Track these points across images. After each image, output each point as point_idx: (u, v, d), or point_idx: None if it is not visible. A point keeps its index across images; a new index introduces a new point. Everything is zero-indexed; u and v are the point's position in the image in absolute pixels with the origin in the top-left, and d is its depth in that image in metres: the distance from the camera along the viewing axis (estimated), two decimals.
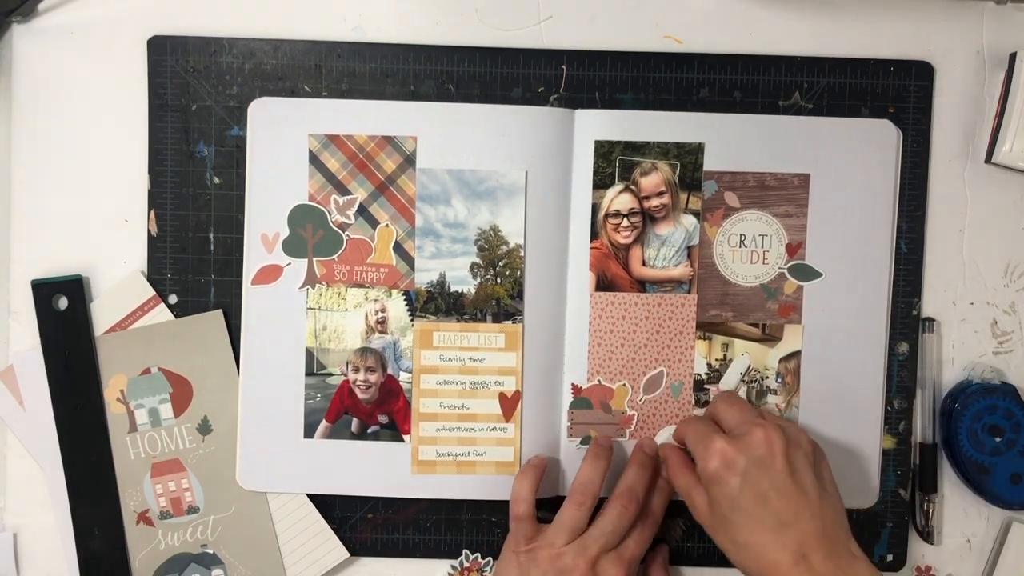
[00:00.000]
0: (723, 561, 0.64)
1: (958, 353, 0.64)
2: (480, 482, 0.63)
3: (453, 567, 0.64)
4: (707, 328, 0.63)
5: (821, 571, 0.51)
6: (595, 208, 0.63)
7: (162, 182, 0.63)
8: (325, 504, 0.63)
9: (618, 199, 0.63)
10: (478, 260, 0.63)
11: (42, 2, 0.63)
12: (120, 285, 0.63)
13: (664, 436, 0.63)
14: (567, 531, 0.58)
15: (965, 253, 0.64)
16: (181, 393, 0.63)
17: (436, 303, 0.63)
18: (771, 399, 0.63)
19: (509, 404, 0.63)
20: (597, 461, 0.60)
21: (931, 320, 0.64)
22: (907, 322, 0.64)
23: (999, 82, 0.64)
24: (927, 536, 0.64)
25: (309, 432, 0.63)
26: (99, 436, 0.62)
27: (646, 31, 0.64)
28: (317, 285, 0.63)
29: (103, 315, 0.63)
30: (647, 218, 0.63)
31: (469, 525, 0.64)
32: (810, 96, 0.63)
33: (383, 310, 0.63)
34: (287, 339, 0.63)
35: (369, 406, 0.63)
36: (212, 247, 0.63)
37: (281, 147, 0.62)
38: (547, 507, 0.62)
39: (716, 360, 0.63)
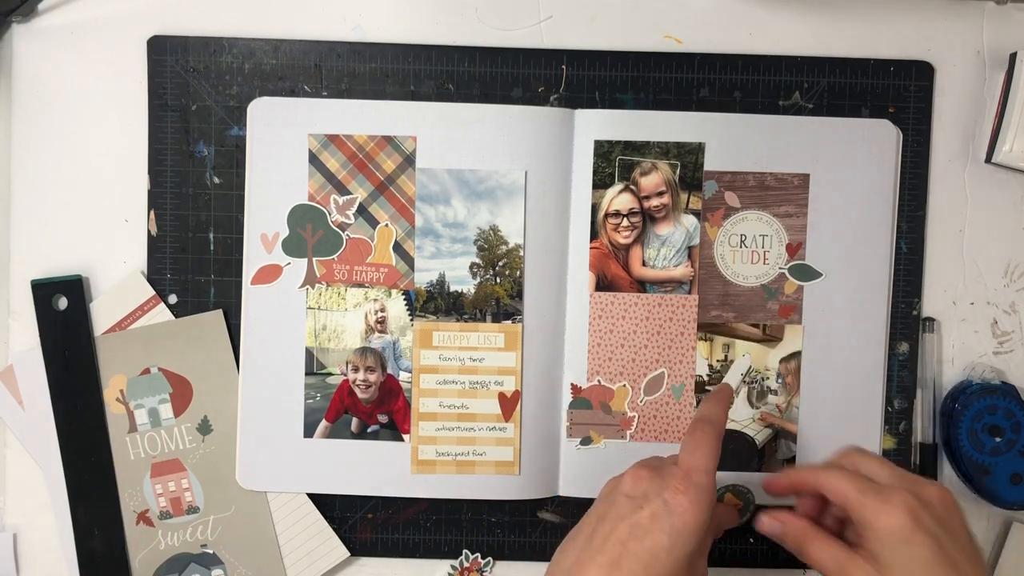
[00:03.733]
0: (723, 561, 0.64)
1: (958, 353, 0.64)
2: (480, 482, 0.63)
3: (453, 567, 0.64)
4: (708, 329, 0.63)
5: None
6: (595, 208, 0.63)
7: (162, 182, 0.63)
8: (325, 504, 0.63)
9: (618, 199, 0.63)
10: (478, 260, 0.63)
11: (42, 2, 0.63)
12: (120, 285, 0.63)
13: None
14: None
15: (965, 253, 0.64)
16: (181, 393, 0.63)
17: (436, 303, 0.63)
18: (772, 399, 0.63)
19: (509, 404, 0.63)
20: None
21: (931, 320, 0.64)
22: (907, 322, 0.64)
23: (999, 82, 0.64)
24: None
25: (309, 432, 0.63)
26: (99, 436, 0.62)
27: (646, 31, 0.64)
28: (317, 285, 0.63)
29: (103, 315, 0.63)
30: (647, 218, 0.63)
31: (469, 525, 0.64)
32: (810, 96, 0.63)
33: (383, 310, 0.63)
34: (287, 339, 0.63)
35: (369, 406, 0.63)
36: (212, 247, 0.63)
37: (281, 147, 0.62)
38: (547, 506, 0.62)
39: (717, 361, 0.63)
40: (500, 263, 0.63)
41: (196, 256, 0.63)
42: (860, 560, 0.47)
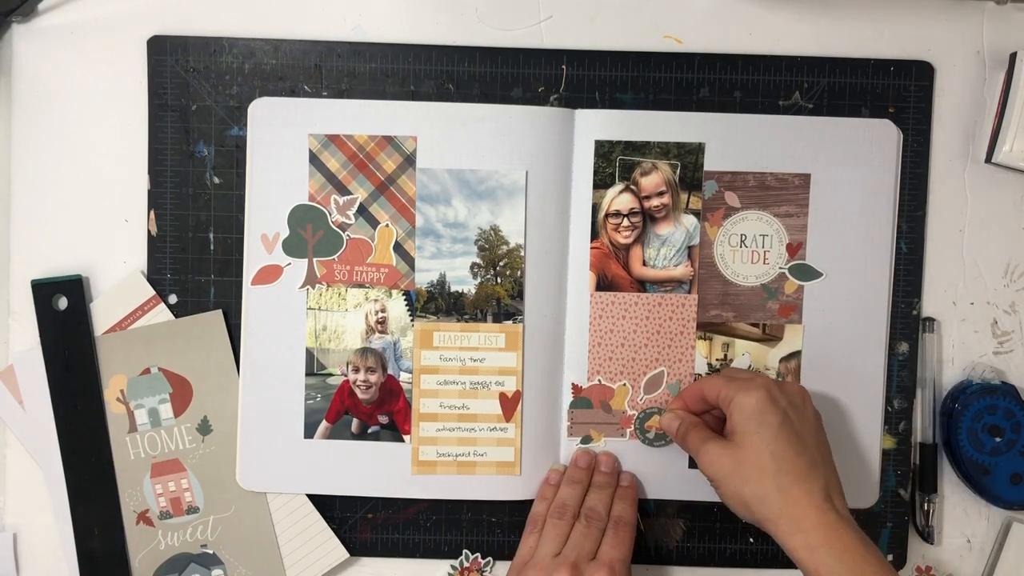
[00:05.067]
0: (723, 561, 0.64)
1: (958, 353, 0.64)
2: (480, 482, 0.63)
3: (453, 567, 0.64)
4: (708, 328, 0.63)
5: (843, 513, 0.52)
6: (595, 208, 0.63)
7: (162, 182, 0.63)
8: (325, 504, 0.63)
9: (618, 199, 0.63)
10: (478, 260, 0.63)
11: (42, 2, 0.63)
12: (120, 285, 0.63)
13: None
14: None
15: (965, 253, 0.64)
16: (181, 393, 0.63)
17: (436, 303, 0.63)
18: None
19: (509, 404, 0.63)
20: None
21: (931, 320, 0.64)
22: (907, 322, 0.64)
23: (999, 82, 0.64)
24: (927, 536, 0.64)
25: (309, 432, 0.63)
26: (99, 436, 0.62)
27: (646, 31, 0.64)
28: (317, 285, 0.63)
29: (103, 315, 0.63)
30: (647, 218, 0.63)
31: (469, 525, 0.64)
32: (810, 96, 0.63)
33: (383, 310, 0.63)
34: (287, 339, 0.63)
35: (369, 406, 0.63)
36: (212, 247, 0.63)
37: (281, 147, 0.62)
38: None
39: (717, 360, 0.63)
40: (501, 263, 0.63)
41: (196, 256, 0.63)
42: (719, 439, 0.56)
